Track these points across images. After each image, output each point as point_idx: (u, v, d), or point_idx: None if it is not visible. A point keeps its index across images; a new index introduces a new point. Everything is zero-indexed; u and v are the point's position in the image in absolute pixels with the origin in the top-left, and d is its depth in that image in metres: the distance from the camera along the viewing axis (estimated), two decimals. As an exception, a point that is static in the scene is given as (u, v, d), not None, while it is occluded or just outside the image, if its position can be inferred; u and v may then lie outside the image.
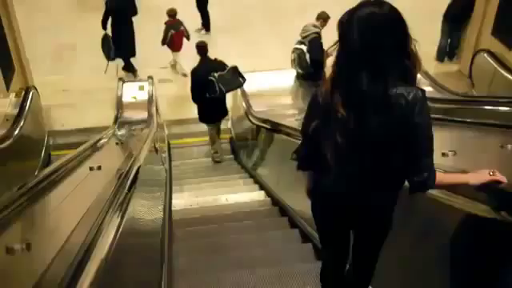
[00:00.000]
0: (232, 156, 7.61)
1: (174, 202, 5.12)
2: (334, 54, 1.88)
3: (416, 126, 1.83)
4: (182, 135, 8.38)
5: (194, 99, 6.91)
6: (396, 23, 1.80)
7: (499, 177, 1.85)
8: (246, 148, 6.97)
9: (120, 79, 7.56)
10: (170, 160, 7.22)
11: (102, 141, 4.43)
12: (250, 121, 6.58)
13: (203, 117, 7.18)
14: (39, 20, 11.82)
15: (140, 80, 7.78)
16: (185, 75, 9.36)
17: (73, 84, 9.50)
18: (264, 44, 10.63)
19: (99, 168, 2.74)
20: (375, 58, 1.79)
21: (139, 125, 6.39)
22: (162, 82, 9.46)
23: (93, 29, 11.48)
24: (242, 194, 5.44)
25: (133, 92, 7.39)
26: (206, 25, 11.04)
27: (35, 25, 11.55)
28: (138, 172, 2.85)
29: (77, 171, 2.82)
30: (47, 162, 7.54)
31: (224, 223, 4.32)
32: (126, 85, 7.54)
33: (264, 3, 12.42)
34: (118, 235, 1.76)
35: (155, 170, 4.80)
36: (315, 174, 2.19)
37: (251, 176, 6.23)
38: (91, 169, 2.74)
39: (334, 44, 1.88)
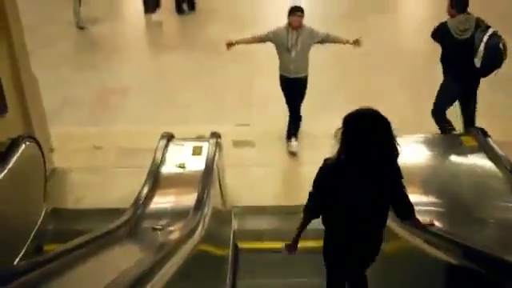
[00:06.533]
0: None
1: None
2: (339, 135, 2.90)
3: (399, 185, 2.89)
4: (263, 234, 5.34)
5: None
6: (386, 122, 2.74)
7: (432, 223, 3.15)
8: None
9: (164, 136, 4.83)
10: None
11: None
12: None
13: None
14: (89, 56, 9.80)
15: (198, 139, 5.03)
16: None
17: (111, 140, 6.96)
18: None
19: None
20: (376, 144, 2.72)
21: (175, 220, 3.52)
22: (237, 145, 6.67)
23: (159, 69, 9.46)
24: None
25: (182, 156, 4.61)
26: None
27: (83, 61, 9.52)
28: None
29: None
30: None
31: None
32: (172, 144, 4.79)
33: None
34: None
35: None
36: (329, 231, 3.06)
37: None
38: None
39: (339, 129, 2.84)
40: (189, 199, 3.77)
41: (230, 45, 6.35)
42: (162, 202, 3.88)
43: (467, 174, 4.19)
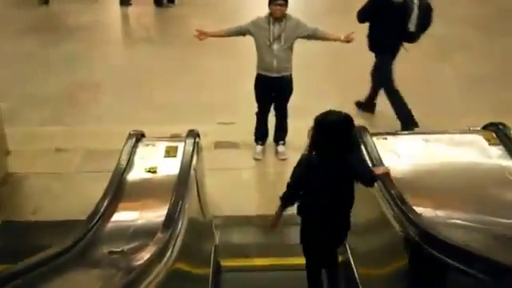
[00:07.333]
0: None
1: None
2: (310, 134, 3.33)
3: (358, 171, 3.31)
4: (250, 249, 4.63)
5: None
6: (349, 123, 3.18)
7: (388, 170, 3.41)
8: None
9: (132, 134, 4.09)
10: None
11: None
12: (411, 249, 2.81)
13: None
14: (57, 49, 9.02)
15: (172, 138, 4.31)
16: None
17: (77, 141, 6.20)
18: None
19: None
20: (338, 142, 3.17)
21: (140, 241, 2.79)
22: (219, 146, 5.96)
23: (135, 64, 8.71)
24: None
25: (153, 159, 3.87)
26: None
27: (50, 54, 8.74)
28: None
29: None
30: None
31: None
32: (142, 144, 4.06)
33: None
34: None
35: None
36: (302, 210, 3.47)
37: None
38: None
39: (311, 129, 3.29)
40: (158, 213, 3.04)
41: (202, 35, 5.60)
42: (125, 217, 3.13)
43: (494, 177, 3.53)
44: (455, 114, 6.70)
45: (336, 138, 3.16)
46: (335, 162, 3.21)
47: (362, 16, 6.11)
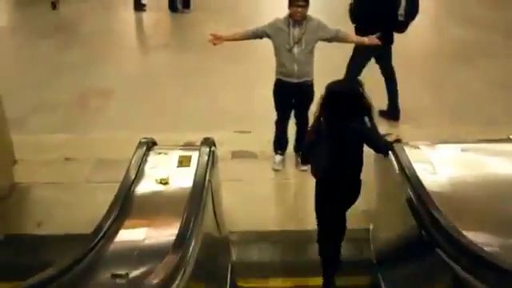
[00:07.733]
0: None
1: None
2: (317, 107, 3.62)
3: (367, 136, 3.56)
4: (269, 268, 4.28)
5: None
6: (355, 94, 3.52)
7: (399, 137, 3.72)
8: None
9: (143, 142, 3.80)
10: None
11: None
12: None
13: None
14: (70, 55, 8.82)
15: (186, 146, 4.01)
16: None
17: (87, 150, 5.93)
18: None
19: None
20: (343, 110, 3.47)
21: (147, 263, 2.48)
22: (236, 156, 5.64)
23: (148, 70, 8.47)
24: None
25: (164, 169, 3.57)
26: None
27: (63, 60, 8.54)
28: None
29: None
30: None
31: None
32: (154, 153, 3.76)
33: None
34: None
35: None
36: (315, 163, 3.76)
37: None
38: None
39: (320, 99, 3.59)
40: (169, 231, 2.73)
41: (216, 39, 5.28)
42: (132, 235, 2.81)
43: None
44: (481, 119, 6.42)
45: (344, 104, 3.47)
46: (342, 127, 3.47)
47: (356, 12, 6.13)
